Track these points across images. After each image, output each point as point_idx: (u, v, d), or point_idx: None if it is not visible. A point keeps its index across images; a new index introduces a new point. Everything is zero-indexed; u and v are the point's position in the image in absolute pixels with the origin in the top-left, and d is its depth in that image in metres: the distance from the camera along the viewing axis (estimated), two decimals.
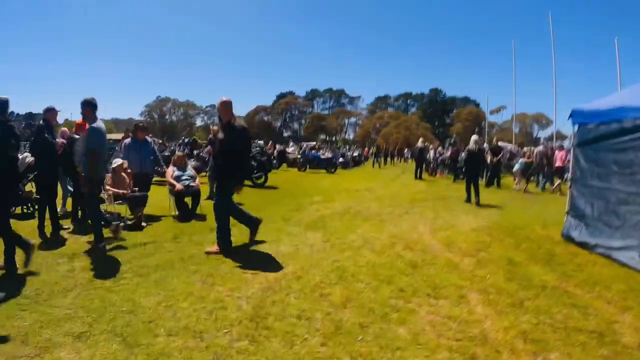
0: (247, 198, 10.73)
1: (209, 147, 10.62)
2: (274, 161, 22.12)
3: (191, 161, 11.29)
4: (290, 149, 28.26)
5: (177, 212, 7.82)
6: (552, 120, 70.05)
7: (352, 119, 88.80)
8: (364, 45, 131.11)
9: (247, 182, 12.85)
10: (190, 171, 8.51)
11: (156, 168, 8.69)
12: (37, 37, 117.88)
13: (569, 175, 8.13)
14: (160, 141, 25.29)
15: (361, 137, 78.55)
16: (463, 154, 15.86)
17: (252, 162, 12.98)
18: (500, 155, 16.56)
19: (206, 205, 8.84)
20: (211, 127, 6.82)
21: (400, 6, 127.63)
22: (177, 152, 9.05)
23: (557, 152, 15.03)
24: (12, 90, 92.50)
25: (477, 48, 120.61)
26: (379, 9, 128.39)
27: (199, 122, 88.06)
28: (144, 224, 7.09)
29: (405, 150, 44.20)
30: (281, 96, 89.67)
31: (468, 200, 10.89)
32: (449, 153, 21.27)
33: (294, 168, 22.45)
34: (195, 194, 8.06)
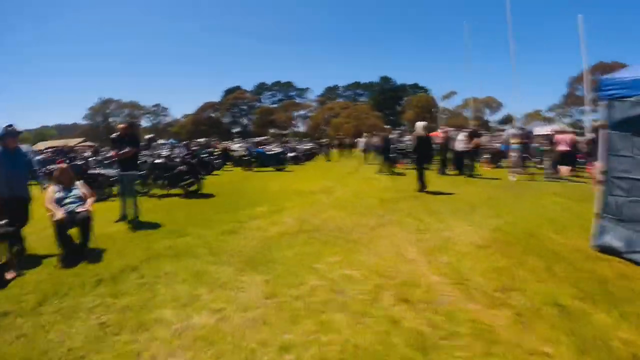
0: (171, 213, 8.28)
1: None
2: (217, 160, 19.59)
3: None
4: (236, 146, 25.51)
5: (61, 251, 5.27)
6: (502, 103, 71.95)
7: (302, 112, 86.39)
8: (310, 35, 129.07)
9: (176, 191, 10.36)
10: (78, 190, 5.90)
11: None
12: None
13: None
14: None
15: (312, 129, 76.61)
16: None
17: (181, 167, 10.41)
18: (475, 140, 14.85)
19: (109, 235, 6.37)
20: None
21: None
22: (59, 165, 6.34)
23: (557, 135, 13.59)
24: None
25: (424, 34, 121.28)
26: None
27: (144, 123, 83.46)
28: (9, 275, 4.62)
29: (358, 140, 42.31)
30: (229, 91, 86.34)
31: (422, 190, 10.50)
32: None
33: (239, 167, 19.79)
34: (84, 222, 5.48)
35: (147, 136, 13.40)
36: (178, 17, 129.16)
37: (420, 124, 11.01)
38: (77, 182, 6.09)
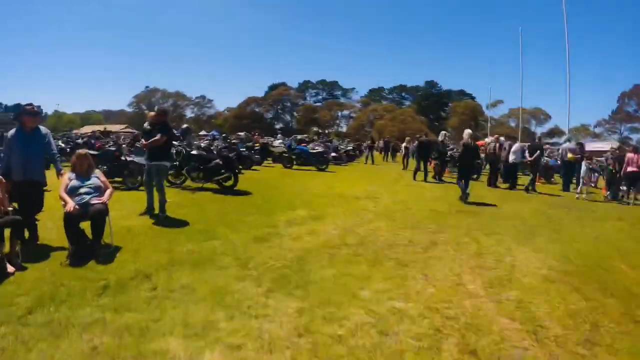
0: (202, 209, 7.62)
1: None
2: (257, 156, 18.99)
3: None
4: (276, 142, 24.90)
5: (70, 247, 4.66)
6: (550, 115, 68.47)
7: (345, 112, 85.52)
8: (357, 36, 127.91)
9: (211, 185, 9.73)
10: (96, 179, 5.27)
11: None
12: (23, 28, 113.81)
13: None
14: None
15: (354, 130, 75.56)
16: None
17: (217, 160, 9.76)
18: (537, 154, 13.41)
19: (130, 229, 5.75)
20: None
21: None
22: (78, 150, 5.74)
23: (629, 154, 12.00)
24: None
25: (473, 40, 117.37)
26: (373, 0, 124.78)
27: (189, 114, 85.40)
28: (10, 268, 4.07)
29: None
30: (273, 87, 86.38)
31: (464, 199, 9.91)
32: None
33: (279, 163, 19.11)
34: (97, 216, 4.83)
35: (183, 126, 12.72)
36: (227, 10, 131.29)
37: (467, 132, 10.67)
38: (96, 171, 5.47)
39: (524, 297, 3.97)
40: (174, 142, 8.57)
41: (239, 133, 32.44)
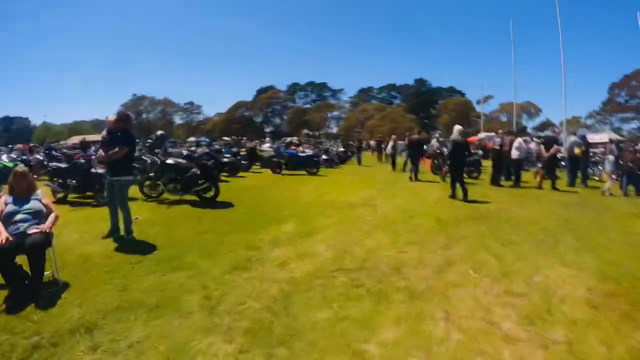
0: (175, 228, 6.65)
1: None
2: (244, 161, 18.02)
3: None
4: (265, 146, 23.81)
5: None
6: (541, 109, 68.32)
7: (335, 113, 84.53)
8: (345, 36, 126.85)
9: (191, 197, 8.77)
10: (35, 202, 4.31)
11: None
12: (7, 41, 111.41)
13: None
14: None
15: (345, 130, 74.77)
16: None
17: (194, 170, 8.77)
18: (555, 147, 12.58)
19: (87, 257, 4.83)
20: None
21: None
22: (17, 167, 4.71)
23: None
24: None
25: (460, 37, 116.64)
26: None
27: (177, 120, 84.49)
28: None
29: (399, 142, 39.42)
30: (262, 91, 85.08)
31: (452, 196, 9.93)
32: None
33: (268, 168, 18.11)
34: (33, 249, 3.86)
35: (157, 133, 11.62)
36: (213, 14, 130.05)
37: (456, 128, 10.51)
38: (38, 192, 4.49)
39: (572, 336, 3.10)
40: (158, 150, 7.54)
41: (224, 137, 31.35)
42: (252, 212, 8.03)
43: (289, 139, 27.17)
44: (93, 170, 9.24)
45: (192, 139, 47.98)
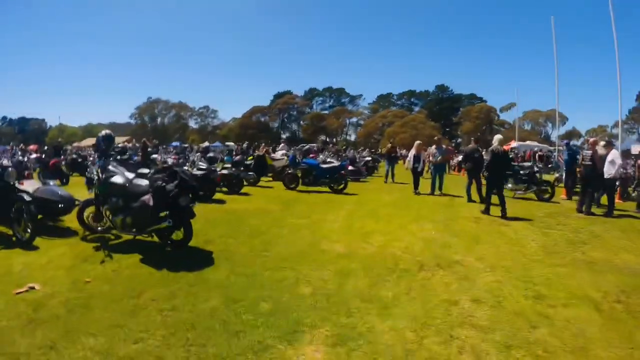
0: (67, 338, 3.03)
1: None
2: (250, 172, 14.33)
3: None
4: (279, 153, 20.13)
5: None
6: (567, 117, 64.05)
7: (354, 119, 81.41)
8: (363, 42, 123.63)
9: (150, 239, 5.28)
10: None
11: None
12: (24, 41, 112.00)
13: None
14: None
15: (363, 137, 71.32)
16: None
17: (146, 197, 5.28)
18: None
19: None
20: None
21: (400, 2, 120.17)
22: None
23: None
24: None
25: (480, 44, 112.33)
26: (378, 5, 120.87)
27: (192, 124, 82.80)
28: None
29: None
30: (278, 96, 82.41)
31: (486, 211, 9.00)
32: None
33: (281, 181, 14.15)
34: None
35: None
36: (231, 17, 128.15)
37: (497, 137, 9.69)
38: None
39: None
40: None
41: (227, 143, 27.67)
42: (236, 282, 4.43)
43: (307, 146, 23.42)
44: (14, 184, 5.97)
45: (205, 143, 44.93)
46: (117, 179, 5.57)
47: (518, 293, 4.18)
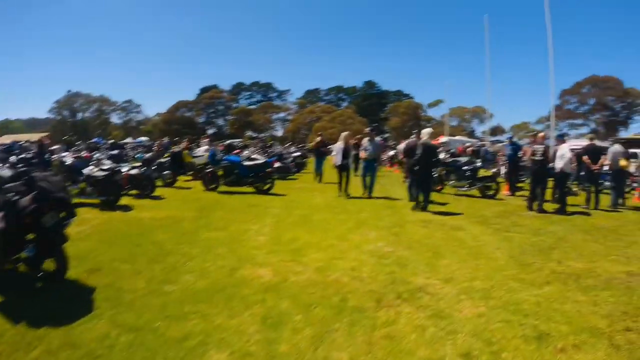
0: None
1: None
2: (166, 172, 12.58)
3: None
4: (202, 149, 17.98)
5: None
6: (492, 113, 67.76)
7: (281, 114, 79.74)
8: (291, 37, 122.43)
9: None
10: None
11: None
12: None
13: None
14: None
15: (291, 132, 70.23)
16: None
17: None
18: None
19: None
20: None
21: None
22: None
23: None
24: None
25: (407, 41, 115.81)
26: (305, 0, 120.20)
27: (115, 120, 77.02)
28: None
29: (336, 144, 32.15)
30: (204, 90, 78.82)
31: (417, 206, 8.91)
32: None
33: (201, 181, 12.26)
34: None
35: None
36: (155, 9, 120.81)
37: (426, 131, 9.55)
38: None
39: None
40: None
41: (142, 138, 24.95)
42: (120, 348, 2.85)
43: (228, 141, 21.52)
44: None
45: (129, 139, 41.40)
46: None
47: (513, 333, 3.08)
